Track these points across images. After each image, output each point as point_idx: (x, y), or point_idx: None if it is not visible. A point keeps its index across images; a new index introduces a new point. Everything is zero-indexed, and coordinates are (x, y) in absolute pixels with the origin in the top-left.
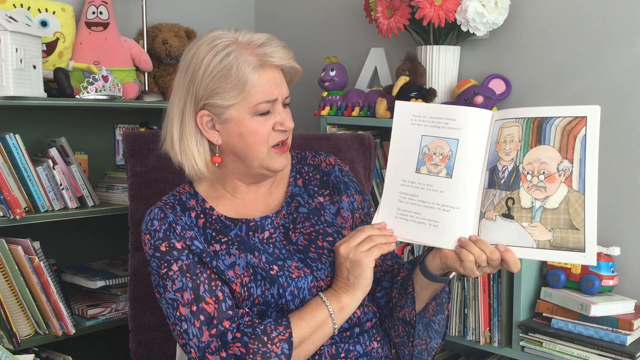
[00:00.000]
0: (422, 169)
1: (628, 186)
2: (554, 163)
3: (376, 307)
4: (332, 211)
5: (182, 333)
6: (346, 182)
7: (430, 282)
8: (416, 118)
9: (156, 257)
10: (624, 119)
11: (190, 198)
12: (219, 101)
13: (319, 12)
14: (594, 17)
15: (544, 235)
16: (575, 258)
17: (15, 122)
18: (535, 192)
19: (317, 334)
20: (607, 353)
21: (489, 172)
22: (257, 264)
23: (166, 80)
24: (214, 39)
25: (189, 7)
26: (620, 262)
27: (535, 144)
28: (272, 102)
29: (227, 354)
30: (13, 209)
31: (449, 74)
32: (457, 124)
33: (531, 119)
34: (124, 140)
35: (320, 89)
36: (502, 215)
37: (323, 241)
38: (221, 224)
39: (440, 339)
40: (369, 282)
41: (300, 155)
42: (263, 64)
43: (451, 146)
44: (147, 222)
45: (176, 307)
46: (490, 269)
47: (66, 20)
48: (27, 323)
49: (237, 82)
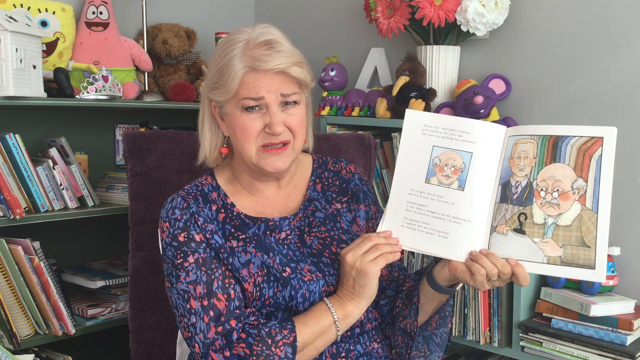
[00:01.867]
0: (432, 180)
1: (628, 186)
2: (569, 181)
3: (378, 314)
4: (349, 219)
5: (189, 326)
6: (365, 192)
7: (436, 294)
8: (427, 128)
9: (173, 246)
10: (624, 119)
11: (212, 190)
12: (217, 96)
13: (319, 12)
14: (593, 17)
15: (555, 251)
16: (585, 275)
17: (15, 122)
18: (548, 209)
19: (320, 340)
20: (607, 353)
21: (502, 186)
22: (271, 265)
23: (166, 80)
24: (234, 33)
25: (189, 7)
26: (620, 262)
27: (550, 162)
28: (259, 100)
29: (230, 353)
30: (13, 209)
31: (449, 74)
32: (471, 137)
33: (547, 136)
34: (124, 140)
35: (320, 89)
36: (513, 230)
37: (337, 247)
38: (240, 221)
39: (442, 352)
40: (374, 291)
41: (322, 159)
42: (253, 66)
43: (464, 159)
44: (169, 209)
45: (187, 299)
46: (500, 283)
47: (66, 20)
48: (27, 323)
49: (230, 78)
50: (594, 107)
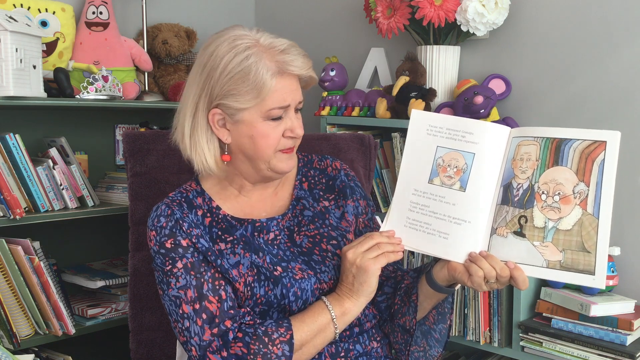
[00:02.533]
0: (435, 180)
1: (628, 187)
2: (570, 185)
3: (376, 310)
4: (337, 215)
5: (183, 331)
6: (352, 187)
7: (434, 293)
8: (432, 128)
9: (161, 254)
10: (624, 119)
11: (197, 196)
12: (234, 103)
13: (319, 12)
14: (593, 17)
15: (554, 255)
16: (585, 280)
17: (15, 122)
18: (549, 212)
19: (319, 338)
20: (607, 353)
21: (503, 188)
22: (261, 264)
23: (166, 80)
24: (235, 38)
25: (189, 7)
26: (620, 262)
27: (552, 165)
28: (285, 108)
29: (228, 353)
30: (13, 209)
31: (449, 74)
32: (474, 138)
33: (550, 139)
34: (124, 140)
35: (320, 89)
36: (513, 232)
37: (327, 244)
38: (227, 224)
39: (441, 347)
40: (373, 289)
41: (307, 158)
42: (282, 71)
43: (467, 159)
44: (154, 218)
45: (179, 305)
46: (498, 285)
47: (66, 20)
48: (27, 323)
49: (254, 87)
50: (594, 108)
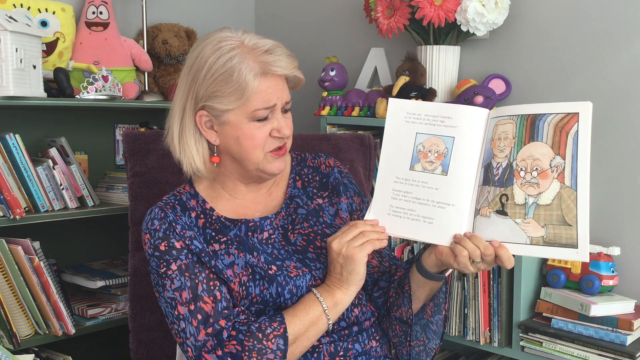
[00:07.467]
0: (417, 166)
1: (628, 186)
2: (547, 159)
3: (374, 307)
4: (331, 212)
5: (179, 332)
6: (345, 184)
7: (426, 280)
8: (410, 115)
9: (155, 257)
10: (624, 119)
11: (190, 198)
12: (218, 104)
13: (319, 13)
14: (593, 17)
15: (537, 231)
16: (568, 254)
17: (15, 122)
18: (528, 189)
19: (312, 330)
20: (607, 353)
21: (484, 169)
22: (255, 264)
23: (166, 80)
24: (220, 40)
25: (189, 7)
26: (620, 262)
27: (528, 141)
28: (271, 109)
29: (223, 352)
30: (13, 209)
31: (449, 74)
32: (453, 122)
33: (525, 115)
34: (124, 140)
35: (320, 89)
36: (496, 211)
37: (321, 242)
38: (221, 224)
39: (438, 339)
40: (362, 276)
41: (300, 157)
42: (265, 71)
43: (447, 144)
44: (148, 221)
45: (174, 306)
46: (485, 265)
47: (66, 20)
48: (27, 323)
49: (237, 88)
50: (594, 107)
